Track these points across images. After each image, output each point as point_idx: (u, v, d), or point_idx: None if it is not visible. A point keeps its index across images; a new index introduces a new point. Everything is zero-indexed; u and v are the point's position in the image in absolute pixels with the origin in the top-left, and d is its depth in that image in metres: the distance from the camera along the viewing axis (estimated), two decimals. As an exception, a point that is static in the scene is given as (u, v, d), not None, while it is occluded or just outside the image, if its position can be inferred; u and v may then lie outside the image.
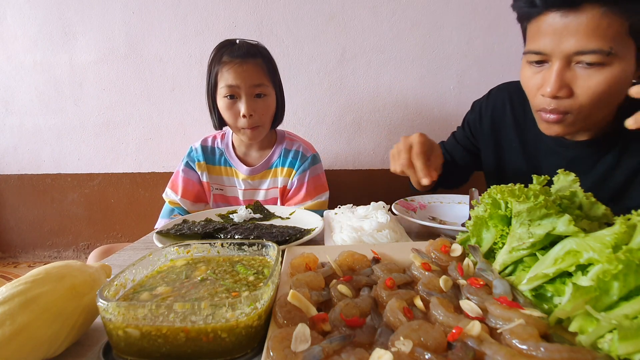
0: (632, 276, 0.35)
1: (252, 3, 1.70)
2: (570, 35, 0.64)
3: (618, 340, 0.31)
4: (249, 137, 1.18)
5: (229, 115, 1.15)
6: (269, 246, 0.57)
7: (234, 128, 1.19)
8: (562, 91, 0.68)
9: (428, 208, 0.97)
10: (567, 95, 0.69)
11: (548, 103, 0.71)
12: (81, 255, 2.07)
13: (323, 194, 1.28)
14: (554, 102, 0.70)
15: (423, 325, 0.36)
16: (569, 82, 0.68)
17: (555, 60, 0.68)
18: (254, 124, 1.14)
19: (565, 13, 0.65)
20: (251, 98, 1.13)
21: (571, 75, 0.67)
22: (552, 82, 0.68)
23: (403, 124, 1.78)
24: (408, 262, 0.56)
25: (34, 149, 1.97)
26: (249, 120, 1.12)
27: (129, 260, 0.73)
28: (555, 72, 0.68)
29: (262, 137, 1.22)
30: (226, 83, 1.12)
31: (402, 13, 1.67)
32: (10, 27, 1.84)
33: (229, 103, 1.13)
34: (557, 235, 0.45)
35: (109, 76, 1.85)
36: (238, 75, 1.10)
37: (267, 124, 1.20)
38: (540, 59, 0.71)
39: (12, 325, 0.37)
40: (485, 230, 0.56)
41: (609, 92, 0.66)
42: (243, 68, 1.11)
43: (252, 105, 1.13)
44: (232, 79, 1.11)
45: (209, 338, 0.37)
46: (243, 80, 1.11)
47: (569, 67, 0.67)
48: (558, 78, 0.67)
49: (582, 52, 0.64)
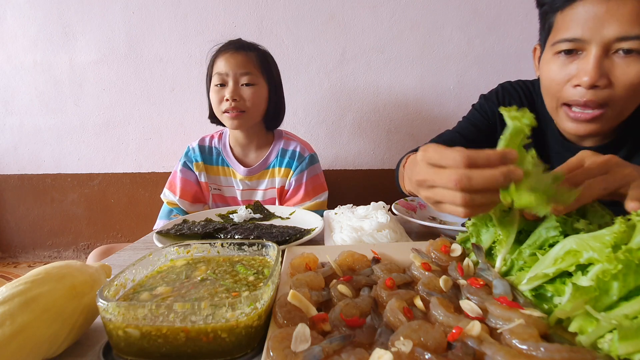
0: (631, 276, 0.35)
1: (252, 3, 1.71)
2: (613, 20, 0.60)
3: (618, 340, 0.31)
4: (231, 122, 1.18)
5: (214, 99, 1.17)
6: (269, 246, 0.57)
7: (218, 114, 1.19)
8: (602, 80, 0.63)
9: (428, 208, 0.97)
10: (605, 86, 0.63)
11: (582, 95, 0.65)
12: (81, 255, 2.07)
13: (322, 194, 1.27)
14: (589, 93, 0.65)
15: (423, 325, 0.36)
16: (607, 71, 0.63)
17: (594, 47, 0.63)
18: (238, 108, 1.15)
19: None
20: (237, 84, 1.15)
21: (609, 64, 0.63)
22: (590, 70, 0.63)
23: (403, 124, 1.78)
24: (408, 262, 0.55)
25: (34, 149, 1.97)
26: (232, 102, 1.13)
27: (129, 260, 0.73)
28: (594, 59, 0.63)
29: (246, 126, 1.21)
30: (217, 71, 1.15)
31: (402, 13, 1.67)
32: (10, 27, 1.84)
33: (217, 90, 1.16)
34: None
35: (109, 76, 1.85)
36: (227, 62, 1.14)
37: (254, 113, 1.19)
38: (573, 47, 0.66)
39: (12, 325, 0.37)
40: (484, 230, 0.56)
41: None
42: (233, 57, 1.15)
43: (237, 90, 1.15)
44: (222, 67, 1.14)
45: (209, 338, 0.37)
46: (231, 67, 1.14)
47: (608, 56, 0.63)
48: (598, 64, 0.62)
49: (624, 37, 0.60)
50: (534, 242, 0.48)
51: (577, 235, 0.42)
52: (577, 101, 0.67)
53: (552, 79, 0.71)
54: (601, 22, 0.62)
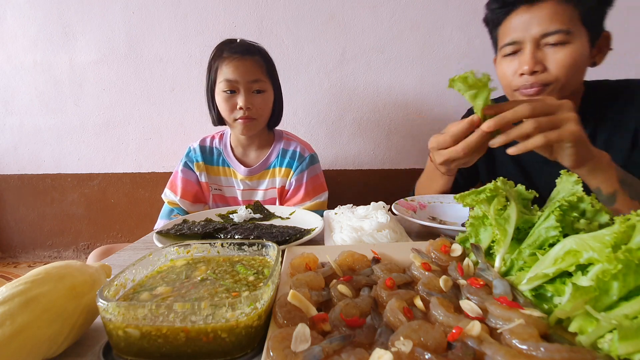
0: (631, 276, 0.35)
1: (252, 3, 1.71)
2: (536, 23, 0.81)
3: (618, 340, 0.31)
4: (242, 129, 1.18)
5: (225, 107, 1.16)
6: (269, 246, 0.57)
7: (229, 120, 1.19)
8: (538, 66, 0.82)
9: (428, 208, 0.97)
10: (542, 70, 0.82)
11: (526, 80, 0.84)
12: (81, 255, 2.07)
13: (322, 194, 1.27)
14: (531, 78, 0.83)
15: (423, 325, 0.36)
16: (541, 60, 0.82)
17: (527, 44, 0.83)
18: (250, 116, 1.16)
19: (529, 8, 0.82)
20: (249, 92, 1.15)
21: (542, 54, 0.82)
22: (528, 60, 0.82)
23: (403, 124, 1.78)
24: (408, 262, 0.55)
25: (34, 149, 1.97)
26: (245, 112, 1.14)
27: (129, 260, 0.73)
28: (529, 52, 0.82)
29: (255, 131, 1.22)
30: (225, 77, 1.13)
31: (402, 13, 1.67)
32: (10, 27, 1.84)
33: (227, 97, 1.15)
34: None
35: (109, 76, 1.85)
36: (237, 70, 1.12)
37: (263, 120, 1.21)
38: (514, 50, 0.86)
39: (12, 325, 0.37)
40: (483, 229, 0.56)
41: (574, 65, 0.81)
42: (242, 63, 1.13)
43: (250, 99, 1.14)
44: (231, 74, 1.13)
45: (209, 338, 0.37)
46: (242, 75, 1.13)
47: (539, 49, 0.82)
48: (532, 56, 0.82)
49: (547, 33, 0.80)
50: (533, 241, 0.48)
51: (577, 235, 0.42)
52: (525, 85, 0.85)
53: (504, 73, 0.90)
54: (529, 26, 0.82)
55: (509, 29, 0.86)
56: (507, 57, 0.88)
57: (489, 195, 0.53)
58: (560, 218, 0.46)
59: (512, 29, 0.85)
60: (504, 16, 0.87)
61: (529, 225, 0.51)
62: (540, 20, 0.80)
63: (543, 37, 0.81)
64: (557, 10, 0.79)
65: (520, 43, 0.84)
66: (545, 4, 0.80)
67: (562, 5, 0.79)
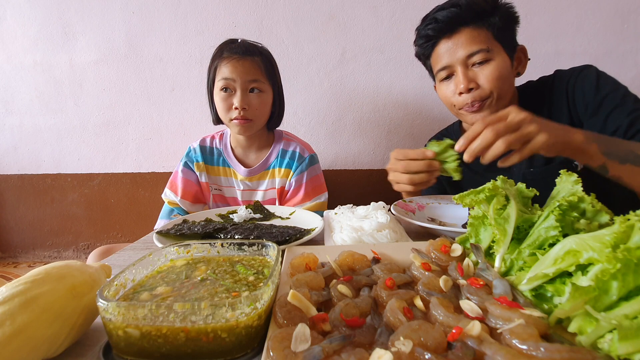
0: (631, 276, 0.35)
1: (252, 3, 1.70)
2: (460, 47, 0.94)
3: (618, 340, 0.31)
4: (238, 129, 1.18)
5: (222, 106, 1.16)
6: (269, 246, 0.57)
7: (226, 120, 1.19)
8: (472, 83, 0.93)
9: (426, 209, 0.97)
10: (476, 87, 0.94)
11: (466, 98, 0.95)
12: (81, 255, 2.07)
13: (322, 195, 1.27)
14: (470, 96, 0.94)
15: (423, 325, 0.36)
16: (473, 78, 0.94)
17: (457, 66, 0.95)
18: (246, 117, 1.15)
19: (449, 37, 0.95)
20: (246, 92, 1.14)
21: (472, 73, 0.94)
22: (462, 79, 0.94)
23: (403, 124, 1.78)
24: (408, 262, 0.56)
25: (34, 149, 1.97)
26: (241, 112, 1.13)
27: (129, 260, 0.73)
28: (461, 72, 0.94)
29: (251, 133, 1.22)
30: (223, 76, 1.14)
31: (402, 13, 1.67)
32: (10, 27, 1.84)
33: (224, 96, 1.15)
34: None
35: (109, 76, 1.85)
36: (235, 69, 1.12)
37: (260, 120, 1.20)
38: (447, 74, 0.98)
39: (12, 325, 0.37)
40: (482, 229, 0.56)
41: (500, 77, 0.92)
42: (240, 63, 1.13)
43: (245, 98, 1.14)
44: (229, 73, 1.13)
45: (209, 338, 0.37)
46: (239, 74, 1.12)
47: (469, 69, 0.94)
48: (464, 76, 0.94)
49: (471, 54, 0.92)
50: (533, 241, 0.48)
51: (577, 235, 0.42)
52: (465, 102, 0.96)
53: (445, 95, 1.03)
54: (454, 51, 0.95)
55: (438, 57, 0.98)
56: (443, 81, 1.01)
57: (488, 194, 0.53)
58: (560, 218, 0.46)
59: (441, 57, 0.97)
60: (431, 48, 1.00)
61: (529, 224, 0.51)
62: (462, 44, 0.93)
63: (469, 58, 0.93)
64: (473, 35, 0.92)
65: (451, 67, 0.96)
66: (463, 32, 0.93)
67: (477, 30, 0.92)
